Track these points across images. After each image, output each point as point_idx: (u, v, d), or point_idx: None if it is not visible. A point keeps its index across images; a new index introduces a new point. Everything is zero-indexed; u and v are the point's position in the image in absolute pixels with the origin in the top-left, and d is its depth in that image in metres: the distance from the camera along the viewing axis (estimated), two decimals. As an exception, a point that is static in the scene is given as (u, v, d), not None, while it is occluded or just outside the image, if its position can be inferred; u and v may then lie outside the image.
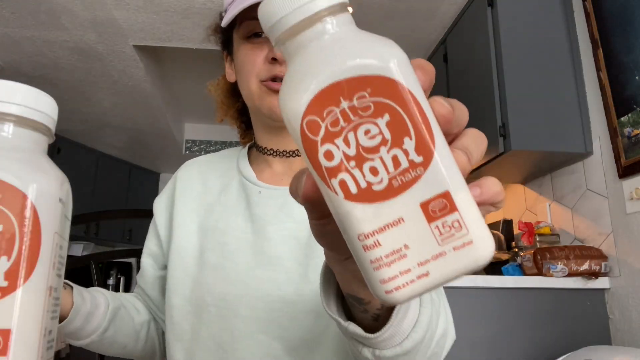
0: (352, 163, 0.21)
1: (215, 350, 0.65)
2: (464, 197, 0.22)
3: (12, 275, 0.24)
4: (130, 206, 4.77)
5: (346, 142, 0.21)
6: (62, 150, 4.16)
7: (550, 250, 1.79)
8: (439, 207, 0.21)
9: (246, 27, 0.67)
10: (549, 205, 2.16)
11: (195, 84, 3.74)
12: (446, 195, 0.21)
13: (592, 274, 1.74)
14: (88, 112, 3.79)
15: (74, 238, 4.06)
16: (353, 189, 0.21)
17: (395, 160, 0.21)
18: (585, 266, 1.74)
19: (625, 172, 1.69)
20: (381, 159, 0.21)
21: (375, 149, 0.21)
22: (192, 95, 3.99)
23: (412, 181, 0.21)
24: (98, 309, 0.67)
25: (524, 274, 1.87)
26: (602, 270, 1.75)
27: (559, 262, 1.74)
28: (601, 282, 1.75)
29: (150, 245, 0.79)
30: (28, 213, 0.25)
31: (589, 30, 1.90)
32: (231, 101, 0.81)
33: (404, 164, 0.21)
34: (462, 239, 0.21)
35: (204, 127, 4.74)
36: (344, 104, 0.21)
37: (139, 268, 1.23)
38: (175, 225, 0.74)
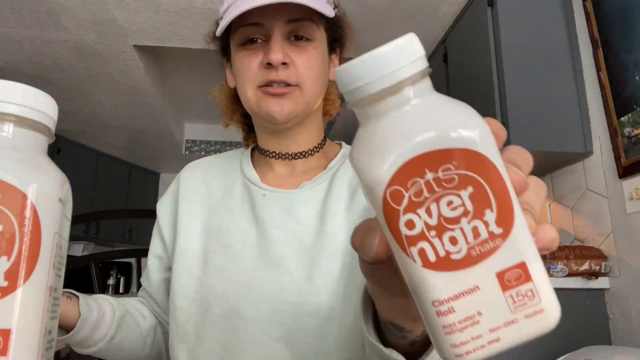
0: (433, 232, 0.21)
1: (219, 351, 0.65)
2: (538, 267, 0.22)
3: (12, 275, 0.24)
4: (130, 206, 4.77)
5: (428, 212, 0.21)
6: (62, 150, 4.16)
7: (550, 250, 1.79)
8: (514, 277, 0.22)
9: (240, 34, 0.67)
10: (549, 205, 2.16)
11: (195, 84, 3.74)
12: (522, 266, 0.22)
13: (592, 274, 1.74)
14: (88, 112, 3.79)
15: (74, 238, 4.05)
16: (432, 258, 0.22)
17: (475, 231, 0.21)
18: (585, 266, 1.74)
19: (625, 172, 1.69)
20: (462, 229, 0.21)
21: (456, 220, 0.21)
22: (192, 95, 3.99)
23: (491, 252, 0.21)
24: (105, 317, 0.67)
25: (524, 274, 1.87)
26: (602, 270, 1.75)
27: (559, 262, 1.74)
28: (601, 282, 1.75)
29: (154, 248, 0.80)
30: (28, 213, 0.25)
31: (589, 30, 1.90)
32: (235, 106, 0.81)
33: (484, 235, 0.21)
34: (534, 308, 0.22)
35: (204, 127, 4.74)
36: (429, 176, 0.21)
37: (139, 268, 1.23)
38: (179, 228, 0.74)
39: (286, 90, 0.65)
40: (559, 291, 1.84)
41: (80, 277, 3.05)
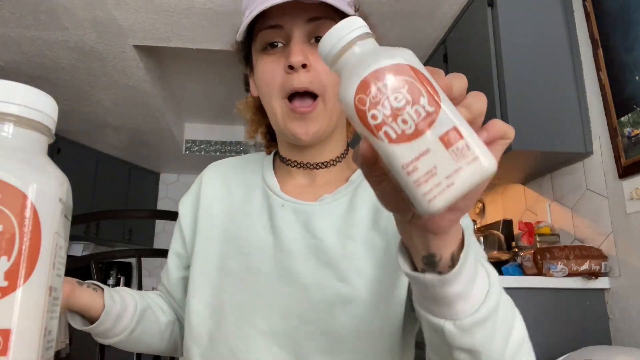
0: (390, 119, 0.31)
1: (230, 357, 0.65)
2: (467, 130, 0.31)
3: (12, 275, 0.24)
4: (130, 206, 4.77)
5: (383, 106, 0.31)
6: (62, 150, 4.16)
7: (550, 250, 1.79)
8: (451, 138, 0.31)
9: (261, 38, 0.66)
10: (549, 205, 2.16)
11: (195, 84, 3.74)
12: (455, 129, 0.31)
13: (592, 274, 1.74)
14: (88, 112, 3.79)
15: (74, 238, 4.05)
16: (393, 135, 0.31)
17: (417, 112, 0.31)
18: (585, 266, 1.74)
19: (625, 172, 1.69)
20: (408, 113, 0.31)
21: (403, 108, 0.31)
22: (192, 95, 3.99)
23: (430, 123, 0.31)
24: (127, 310, 0.69)
25: (524, 274, 1.87)
26: (602, 270, 1.75)
27: (559, 262, 1.74)
28: (601, 282, 1.75)
29: (174, 246, 0.80)
30: (28, 213, 0.25)
31: (589, 30, 1.90)
32: (260, 117, 0.80)
33: (422, 113, 0.31)
34: (471, 156, 0.30)
35: (204, 127, 4.74)
36: (378, 84, 0.32)
37: (139, 268, 1.23)
38: (198, 229, 0.75)
39: (310, 109, 0.64)
40: (559, 291, 1.84)
41: (80, 277, 3.05)
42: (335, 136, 0.72)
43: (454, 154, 0.30)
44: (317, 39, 0.64)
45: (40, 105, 0.28)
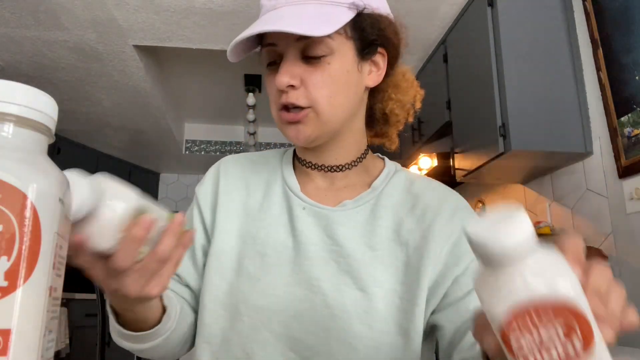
0: (536, 349, 0.30)
1: (243, 359, 0.64)
2: None
3: (12, 275, 0.23)
4: (130, 206, 4.76)
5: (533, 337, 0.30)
6: (62, 150, 4.16)
7: (550, 250, 1.79)
8: None
9: (264, 54, 0.67)
10: (549, 205, 2.16)
11: (195, 84, 3.74)
12: None
13: (592, 274, 1.74)
14: (88, 112, 3.79)
15: (74, 238, 4.05)
16: None
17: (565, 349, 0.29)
18: (585, 266, 1.74)
19: (625, 172, 1.69)
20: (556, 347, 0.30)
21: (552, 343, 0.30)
22: (192, 95, 3.99)
23: None
24: (174, 307, 0.63)
25: (524, 274, 1.87)
26: (602, 270, 1.75)
27: (559, 262, 1.74)
28: (601, 282, 1.75)
29: (197, 238, 0.75)
30: (28, 213, 0.24)
31: (589, 30, 1.90)
32: None
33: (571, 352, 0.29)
34: None
35: (204, 127, 4.74)
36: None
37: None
38: (217, 223, 0.72)
39: (298, 117, 0.64)
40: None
41: (80, 277, 3.05)
42: (348, 139, 0.71)
43: None
44: (308, 57, 0.63)
45: (40, 105, 0.28)
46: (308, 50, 0.63)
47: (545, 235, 2.04)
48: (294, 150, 0.79)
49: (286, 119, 0.65)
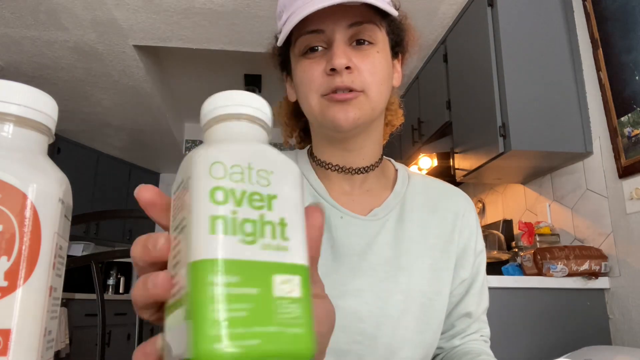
0: None
1: None
2: None
3: (12, 275, 0.23)
4: (130, 206, 4.77)
5: None
6: (62, 150, 4.16)
7: (550, 250, 1.79)
8: None
9: (301, 43, 0.65)
10: (549, 205, 2.16)
11: (195, 84, 3.74)
12: None
13: (592, 274, 1.74)
14: (88, 112, 3.79)
15: (74, 238, 4.05)
16: None
17: None
18: (585, 266, 1.74)
19: (625, 172, 1.69)
20: None
21: None
22: (192, 95, 3.99)
23: None
24: None
25: (524, 274, 1.87)
26: (602, 270, 1.75)
27: (559, 262, 1.74)
28: (601, 282, 1.75)
29: None
30: (28, 213, 0.24)
31: (589, 30, 1.90)
32: (295, 122, 0.80)
33: None
34: None
35: (204, 127, 4.74)
36: None
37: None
38: None
39: (351, 96, 0.63)
40: (559, 291, 1.85)
41: (80, 277, 3.06)
42: (374, 137, 0.71)
43: None
44: (359, 42, 0.64)
45: (40, 105, 0.28)
46: (360, 35, 0.63)
47: (545, 235, 2.04)
48: (308, 152, 0.77)
49: (337, 98, 0.63)
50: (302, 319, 0.23)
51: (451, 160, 2.47)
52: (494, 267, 2.18)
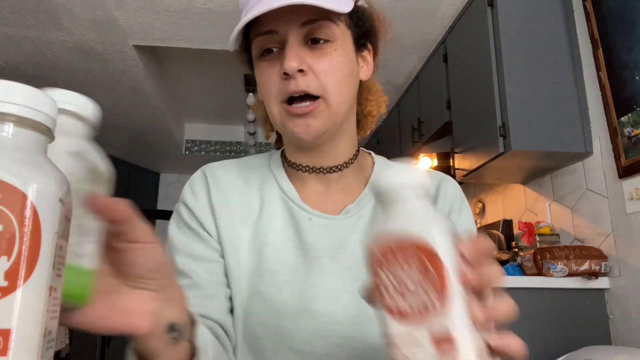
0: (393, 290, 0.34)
1: None
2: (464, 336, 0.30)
3: (12, 275, 0.24)
4: (130, 206, 4.76)
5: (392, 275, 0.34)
6: (62, 150, 4.16)
7: (550, 250, 1.79)
8: (443, 341, 0.30)
9: (257, 44, 0.63)
10: (549, 205, 2.16)
11: (195, 84, 3.74)
12: (449, 338, 0.30)
13: (592, 274, 1.74)
14: (88, 112, 3.78)
15: (74, 238, 4.05)
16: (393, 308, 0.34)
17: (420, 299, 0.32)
18: (585, 266, 1.74)
19: (625, 172, 1.69)
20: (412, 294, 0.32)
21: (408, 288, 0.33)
22: (192, 95, 3.99)
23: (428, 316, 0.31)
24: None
25: (524, 274, 1.87)
26: (602, 270, 1.75)
27: (559, 262, 1.74)
28: (601, 282, 1.75)
29: (202, 254, 0.65)
30: (28, 213, 0.24)
31: (589, 30, 1.90)
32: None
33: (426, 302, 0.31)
34: None
35: (204, 127, 4.74)
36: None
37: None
38: (221, 238, 0.66)
39: (309, 109, 0.60)
40: (559, 291, 1.84)
41: (80, 277, 3.05)
42: (345, 135, 0.68)
43: (440, 355, 0.30)
44: (314, 41, 0.61)
45: (41, 105, 0.28)
46: (315, 34, 0.60)
47: (545, 235, 2.04)
48: (281, 154, 0.75)
49: (295, 112, 0.60)
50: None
51: (451, 160, 2.47)
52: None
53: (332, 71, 0.61)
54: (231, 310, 0.65)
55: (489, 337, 0.32)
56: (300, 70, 0.59)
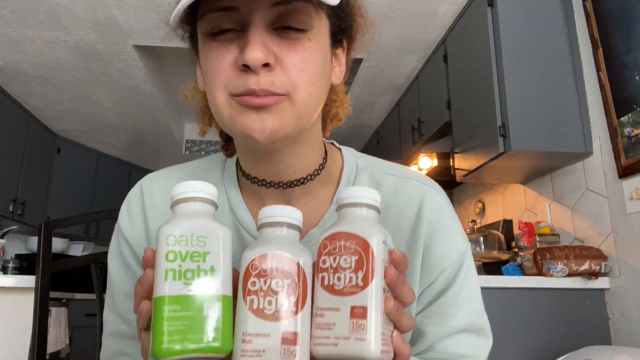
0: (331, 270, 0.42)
1: None
2: (376, 315, 0.38)
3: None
4: (130, 206, 4.76)
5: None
6: (62, 150, 4.16)
7: (550, 250, 1.79)
8: (358, 313, 0.37)
9: (209, 21, 0.50)
10: (549, 205, 2.16)
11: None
12: (364, 309, 0.38)
13: (592, 274, 1.74)
14: (88, 112, 3.79)
15: (74, 238, 4.05)
16: (325, 283, 0.42)
17: (350, 279, 0.40)
18: (585, 266, 1.74)
19: (625, 172, 1.69)
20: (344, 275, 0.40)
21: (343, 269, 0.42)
22: (192, 95, 3.98)
23: (352, 294, 0.38)
24: None
25: (524, 274, 1.87)
26: (602, 270, 1.75)
27: (559, 262, 1.74)
28: (601, 282, 1.76)
29: (127, 282, 0.61)
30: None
31: (589, 30, 1.91)
32: None
33: (354, 282, 0.39)
34: (363, 336, 0.37)
35: (204, 127, 4.74)
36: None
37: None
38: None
39: (270, 101, 0.47)
40: (559, 291, 1.85)
41: (80, 277, 3.05)
42: (310, 144, 0.57)
43: (353, 325, 0.37)
44: (286, 28, 0.48)
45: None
46: (288, 19, 0.48)
47: (545, 235, 2.04)
48: (237, 163, 0.62)
49: (249, 103, 0.47)
50: (222, 328, 0.37)
51: (451, 160, 2.47)
52: (494, 267, 2.18)
53: (303, 66, 0.48)
54: None
55: (390, 329, 0.40)
56: (266, 65, 0.47)
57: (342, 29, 0.56)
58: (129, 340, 0.59)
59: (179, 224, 0.40)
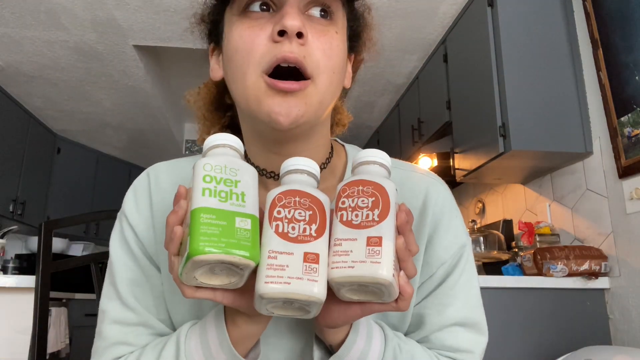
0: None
1: None
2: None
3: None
4: (130, 206, 4.76)
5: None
6: (62, 150, 4.16)
7: (550, 250, 1.79)
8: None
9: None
10: (549, 205, 2.16)
11: (195, 84, 3.73)
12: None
13: (592, 274, 1.74)
14: (88, 112, 3.79)
15: (74, 238, 4.05)
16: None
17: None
18: (585, 266, 1.74)
19: (625, 172, 1.69)
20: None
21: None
22: (192, 95, 3.98)
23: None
24: None
25: (524, 274, 1.87)
26: (602, 270, 1.75)
27: (559, 262, 1.74)
28: (601, 282, 1.75)
29: (130, 276, 0.60)
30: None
31: (589, 30, 1.91)
32: (215, 116, 0.67)
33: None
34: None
35: (204, 127, 4.74)
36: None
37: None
38: (161, 264, 0.60)
39: (297, 86, 0.49)
40: (559, 291, 1.85)
41: (80, 277, 3.06)
42: (320, 135, 0.59)
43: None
44: (322, 12, 0.52)
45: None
46: (322, 3, 0.52)
47: (545, 235, 2.04)
48: (245, 155, 0.64)
49: (279, 87, 0.49)
50: (251, 240, 0.41)
51: (451, 160, 2.47)
52: (494, 267, 2.18)
53: (330, 53, 0.51)
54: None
55: (398, 270, 0.42)
56: (300, 36, 0.49)
57: (355, 37, 0.60)
58: (130, 328, 0.58)
59: (214, 157, 0.44)
